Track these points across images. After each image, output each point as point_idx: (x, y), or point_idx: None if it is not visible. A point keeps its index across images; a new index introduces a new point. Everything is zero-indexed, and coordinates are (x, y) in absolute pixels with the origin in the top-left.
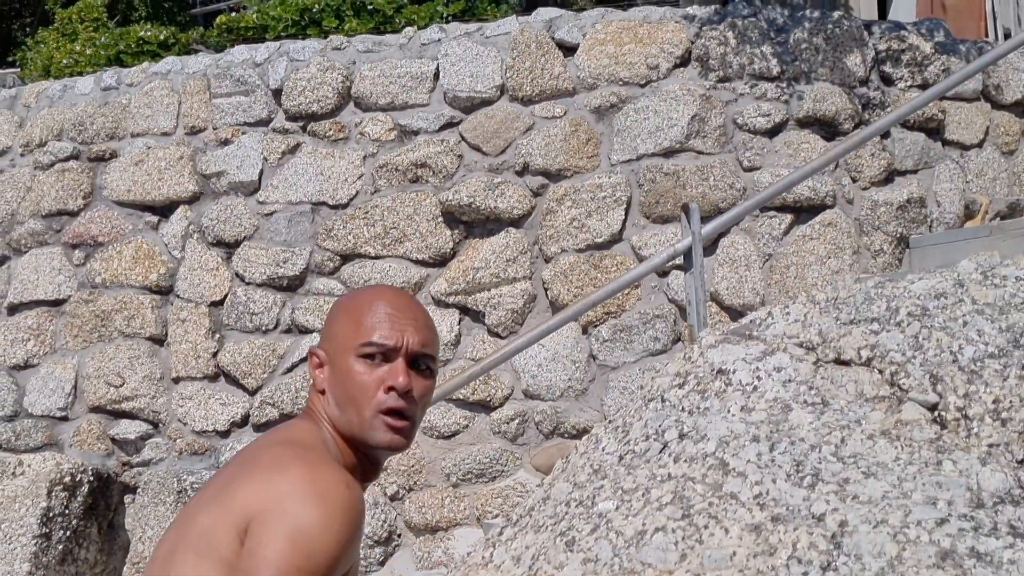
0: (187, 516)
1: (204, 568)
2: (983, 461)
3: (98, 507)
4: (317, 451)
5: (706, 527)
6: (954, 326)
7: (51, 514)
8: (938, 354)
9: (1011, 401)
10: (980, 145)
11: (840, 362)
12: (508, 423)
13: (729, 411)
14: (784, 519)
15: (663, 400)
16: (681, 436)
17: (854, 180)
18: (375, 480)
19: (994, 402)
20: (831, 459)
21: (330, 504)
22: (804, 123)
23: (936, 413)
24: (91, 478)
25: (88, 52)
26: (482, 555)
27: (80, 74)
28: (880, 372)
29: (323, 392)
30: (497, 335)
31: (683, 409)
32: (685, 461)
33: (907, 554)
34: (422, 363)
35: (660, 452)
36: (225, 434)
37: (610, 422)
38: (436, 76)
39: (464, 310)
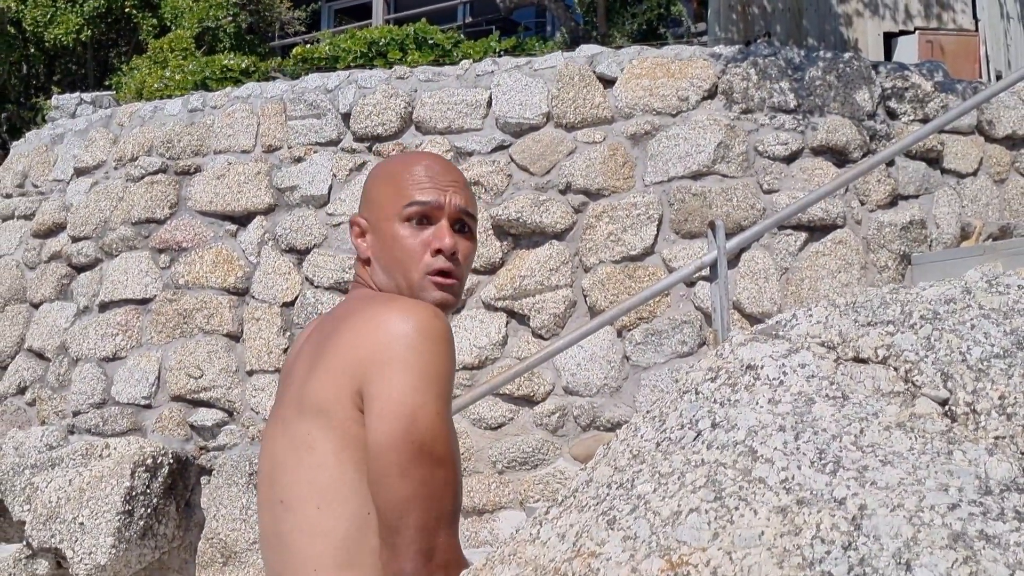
0: (291, 387)
1: (317, 436)
2: (990, 452)
3: (177, 487)
4: (391, 295)
5: (736, 508)
6: (963, 329)
7: (134, 493)
8: (948, 354)
9: (1015, 398)
10: (975, 174)
11: (859, 360)
12: (549, 416)
13: (757, 403)
14: (808, 502)
15: (697, 392)
16: (713, 425)
17: (862, 203)
18: None
19: (1000, 398)
20: (851, 448)
21: (431, 333)
22: (818, 151)
23: (947, 407)
24: (171, 461)
25: (177, 77)
26: (529, 532)
27: (169, 97)
28: (895, 370)
29: (367, 262)
30: (540, 337)
31: (715, 401)
32: (717, 448)
33: (922, 535)
34: (465, 225)
35: (694, 440)
36: None
37: (648, 412)
38: (489, 104)
39: (511, 314)
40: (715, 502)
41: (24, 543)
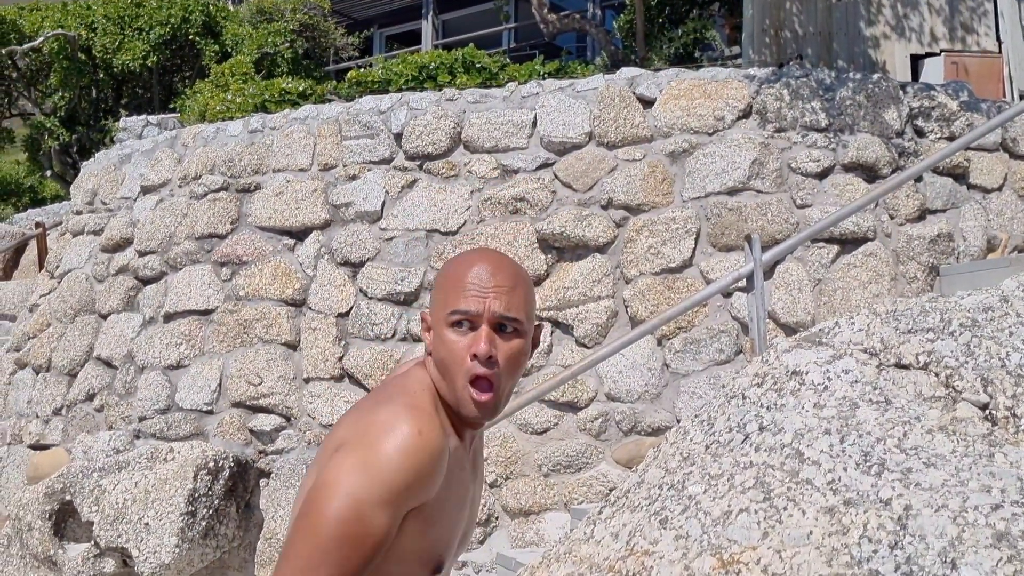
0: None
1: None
2: None
3: (237, 489)
4: (414, 396)
5: (785, 509)
6: (1001, 336)
7: (196, 495)
8: (988, 360)
9: None
10: (1000, 189)
11: (900, 366)
12: (592, 422)
13: (803, 407)
14: (855, 503)
15: (744, 397)
16: (761, 428)
17: (892, 217)
18: (479, 428)
19: None
20: (895, 450)
21: (400, 444)
22: (849, 168)
23: (987, 411)
24: (231, 464)
25: (238, 100)
26: (583, 531)
27: (231, 119)
28: (936, 375)
29: (431, 353)
30: (584, 345)
31: (762, 405)
32: (765, 451)
33: (966, 535)
34: (508, 326)
35: (742, 443)
36: None
37: (696, 416)
38: (534, 124)
39: (555, 323)
40: (764, 502)
41: (92, 543)
